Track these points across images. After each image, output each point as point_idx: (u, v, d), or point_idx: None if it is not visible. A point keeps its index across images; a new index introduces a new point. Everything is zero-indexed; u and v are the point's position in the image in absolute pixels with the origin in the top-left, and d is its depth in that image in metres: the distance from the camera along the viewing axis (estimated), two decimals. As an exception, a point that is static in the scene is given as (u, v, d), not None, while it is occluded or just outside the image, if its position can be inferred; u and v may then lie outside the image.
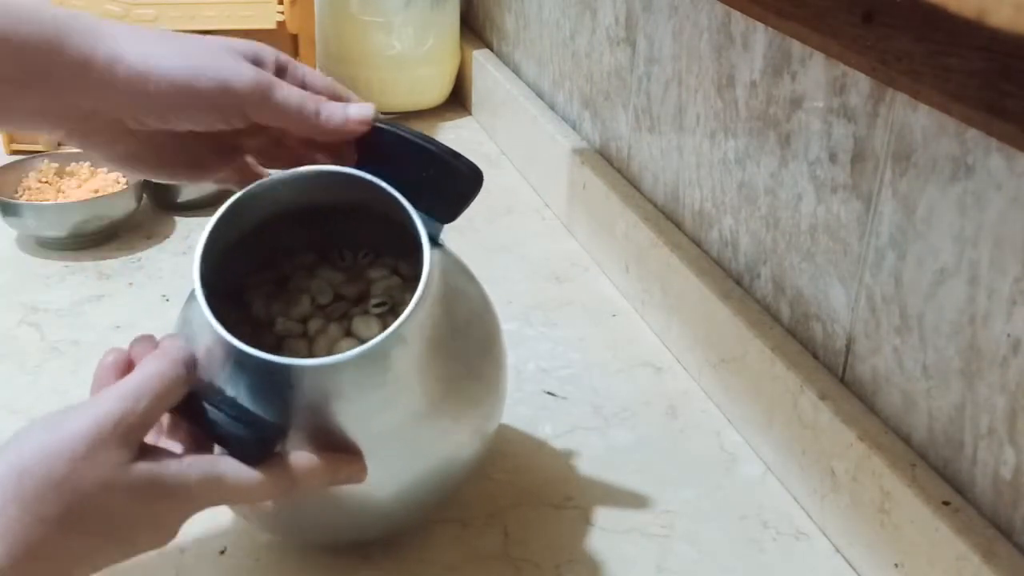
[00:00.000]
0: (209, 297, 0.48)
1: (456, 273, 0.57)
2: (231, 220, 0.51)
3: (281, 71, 0.53)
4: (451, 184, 0.54)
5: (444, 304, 0.53)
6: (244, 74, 0.49)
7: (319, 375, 0.48)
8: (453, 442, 0.54)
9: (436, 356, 0.52)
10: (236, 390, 0.49)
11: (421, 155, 0.53)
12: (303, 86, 0.53)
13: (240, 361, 0.48)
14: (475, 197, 0.55)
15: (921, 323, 0.54)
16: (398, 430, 0.51)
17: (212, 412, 0.47)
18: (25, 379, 0.72)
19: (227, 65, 0.49)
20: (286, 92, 0.50)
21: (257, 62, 0.51)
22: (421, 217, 0.51)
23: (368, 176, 0.52)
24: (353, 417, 0.49)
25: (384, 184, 0.51)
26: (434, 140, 0.54)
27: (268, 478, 0.47)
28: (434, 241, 0.54)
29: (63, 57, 0.48)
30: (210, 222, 0.50)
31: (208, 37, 0.52)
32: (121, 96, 0.49)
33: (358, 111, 0.52)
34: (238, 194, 0.52)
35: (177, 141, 0.53)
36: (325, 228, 0.58)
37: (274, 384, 0.48)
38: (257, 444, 0.47)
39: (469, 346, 0.55)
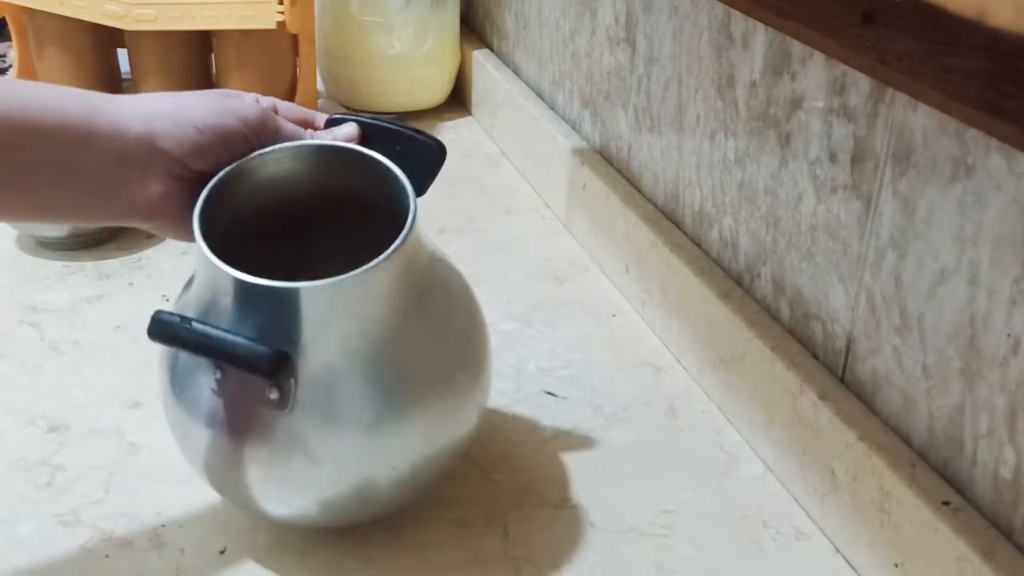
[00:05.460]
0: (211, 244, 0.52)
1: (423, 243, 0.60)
2: (225, 190, 0.55)
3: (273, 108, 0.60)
4: (418, 158, 0.58)
5: (419, 265, 0.56)
6: (252, 109, 0.57)
7: (314, 297, 0.51)
8: (426, 407, 0.55)
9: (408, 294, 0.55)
10: (240, 327, 0.51)
11: (387, 135, 0.58)
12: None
13: (239, 294, 0.51)
14: (441, 168, 0.59)
15: (921, 323, 0.54)
16: (383, 354, 0.53)
17: (220, 336, 0.50)
18: (25, 379, 0.72)
19: (240, 105, 0.57)
20: (287, 127, 0.59)
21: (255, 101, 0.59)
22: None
23: (350, 146, 0.58)
24: (342, 341, 0.52)
25: (363, 149, 0.57)
26: (395, 121, 0.60)
27: None
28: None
29: (102, 119, 0.53)
30: (205, 188, 0.55)
31: (207, 90, 0.59)
32: (167, 145, 0.54)
33: (343, 134, 0.60)
34: (221, 172, 0.55)
35: None
36: (353, 237, 0.61)
37: (273, 312, 0.51)
38: (271, 357, 0.49)
39: (441, 311, 0.57)
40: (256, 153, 0.56)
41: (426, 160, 0.58)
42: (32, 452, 0.65)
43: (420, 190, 0.57)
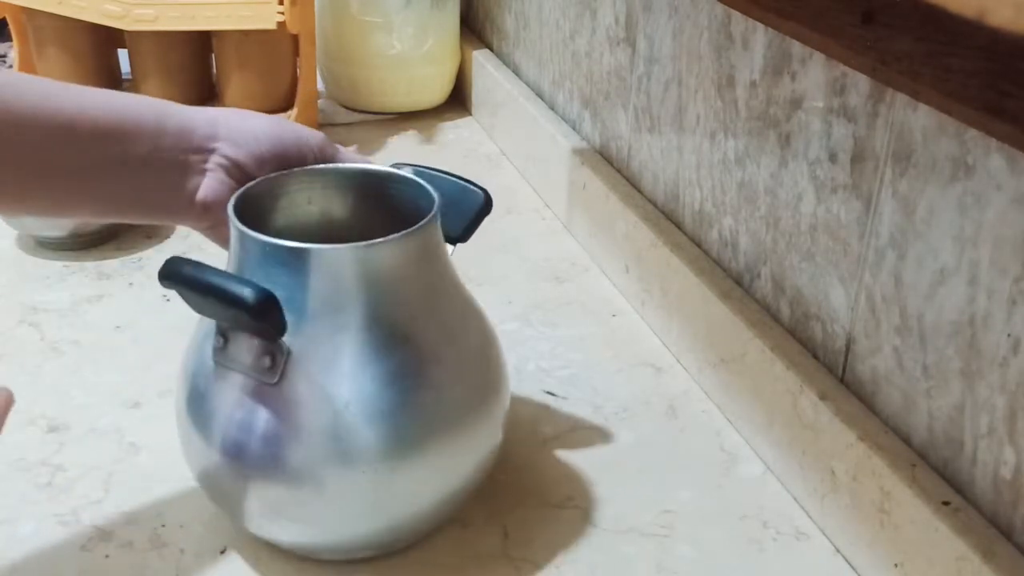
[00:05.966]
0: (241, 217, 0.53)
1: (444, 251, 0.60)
2: (271, 192, 0.58)
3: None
4: (465, 205, 0.60)
5: (435, 264, 0.56)
6: (316, 134, 0.61)
7: (324, 261, 0.51)
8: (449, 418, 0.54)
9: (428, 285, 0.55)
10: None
11: (435, 181, 0.59)
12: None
13: (255, 256, 0.52)
14: (486, 217, 0.61)
15: (921, 323, 0.54)
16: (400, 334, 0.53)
17: (217, 277, 0.49)
18: (25, 379, 0.72)
19: (303, 128, 0.61)
20: (343, 152, 0.62)
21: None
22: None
23: (397, 171, 0.60)
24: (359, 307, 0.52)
25: (406, 174, 0.59)
26: (443, 169, 0.61)
27: None
28: None
29: (171, 120, 0.56)
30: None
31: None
32: (227, 147, 0.57)
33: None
34: (273, 174, 0.58)
35: None
36: None
37: (286, 275, 0.51)
38: (259, 296, 0.49)
39: (454, 316, 0.57)
40: (311, 167, 0.59)
41: (472, 207, 0.60)
42: (32, 452, 0.65)
43: (463, 236, 0.59)
